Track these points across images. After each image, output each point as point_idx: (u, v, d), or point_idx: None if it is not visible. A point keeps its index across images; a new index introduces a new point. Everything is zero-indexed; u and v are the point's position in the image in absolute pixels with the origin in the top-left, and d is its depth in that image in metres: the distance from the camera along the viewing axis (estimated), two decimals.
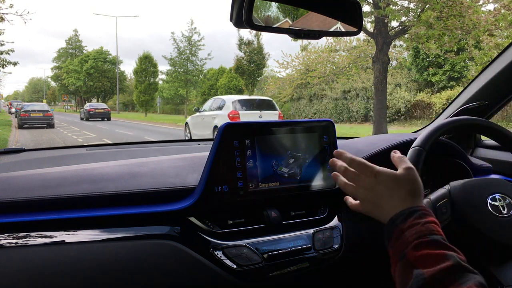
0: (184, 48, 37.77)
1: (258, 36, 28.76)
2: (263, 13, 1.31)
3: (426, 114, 21.61)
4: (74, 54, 74.56)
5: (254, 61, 28.53)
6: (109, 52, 66.60)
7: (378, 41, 14.06)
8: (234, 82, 42.80)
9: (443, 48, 14.37)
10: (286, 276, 1.35)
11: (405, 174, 1.07)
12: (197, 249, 1.26)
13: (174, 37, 37.84)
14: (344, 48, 25.00)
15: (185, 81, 37.56)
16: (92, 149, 2.13)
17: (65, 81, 66.85)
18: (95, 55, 63.72)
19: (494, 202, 1.28)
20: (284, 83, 31.28)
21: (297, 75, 29.68)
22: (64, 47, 77.60)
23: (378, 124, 14.22)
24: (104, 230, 1.23)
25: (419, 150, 1.30)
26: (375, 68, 14.25)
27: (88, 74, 62.38)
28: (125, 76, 71.19)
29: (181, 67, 37.82)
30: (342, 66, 26.98)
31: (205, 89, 46.50)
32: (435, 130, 1.36)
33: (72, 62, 65.75)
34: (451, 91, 21.20)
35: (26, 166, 1.67)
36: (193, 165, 1.46)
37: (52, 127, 26.27)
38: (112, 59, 65.07)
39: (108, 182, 1.31)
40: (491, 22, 12.34)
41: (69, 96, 74.19)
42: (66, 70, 65.79)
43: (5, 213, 1.16)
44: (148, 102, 46.02)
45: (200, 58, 38.39)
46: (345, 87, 26.35)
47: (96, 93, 66.10)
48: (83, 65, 62.77)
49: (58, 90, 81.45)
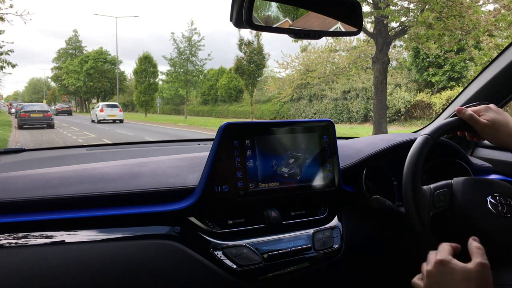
0: (184, 48, 37.68)
1: (258, 37, 28.76)
2: (263, 13, 1.31)
3: (426, 115, 21.60)
4: (74, 54, 74.51)
5: (254, 62, 28.56)
6: (108, 53, 66.56)
7: (378, 41, 14.00)
8: (234, 82, 42.76)
9: (443, 48, 14.34)
10: (286, 276, 1.35)
11: (478, 270, 0.95)
12: (197, 249, 1.27)
13: (174, 38, 37.68)
14: (344, 48, 24.98)
15: (185, 82, 37.50)
16: (92, 149, 2.13)
17: (65, 82, 66.77)
18: (95, 56, 63.64)
19: (494, 201, 1.28)
20: (284, 84, 31.27)
21: (297, 76, 29.66)
22: (64, 47, 77.58)
23: (378, 124, 14.19)
24: (104, 230, 1.23)
25: (427, 138, 1.30)
26: (375, 68, 14.19)
27: (88, 74, 62.29)
28: (125, 77, 71.10)
29: (181, 68, 37.74)
30: (342, 66, 26.95)
31: (205, 90, 46.47)
32: (445, 123, 1.36)
33: (72, 63, 65.65)
34: (451, 91, 21.18)
35: (26, 166, 1.67)
36: (193, 165, 1.46)
37: (52, 128, 26.24)
38: (112, 59, 65.00)
39: (108, 182, 1.31)
40: (491, 22, 12.28)
41: (69, 96, 74.21)
42: (66, 70, 65.71)
43: (5, 213, 1.17)
44: (148, 102, 45.91)
45: (200, 59, 38.27)
46: (345, 87, 26.34)
47: (96, 93, 66.00)
48: (83, 65, 62.67)
49: (58, 91, 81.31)
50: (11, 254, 1.13)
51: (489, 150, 1.94)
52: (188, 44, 37.53)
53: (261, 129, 1.39)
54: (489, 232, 1.23)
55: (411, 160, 1.29)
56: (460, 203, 1.27)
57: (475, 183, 1.33)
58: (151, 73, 46.51)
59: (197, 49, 37.87)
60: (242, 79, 29.57)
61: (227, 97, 43.81)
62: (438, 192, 1.30)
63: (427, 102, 22.10)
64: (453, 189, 1.30)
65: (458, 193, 1.29)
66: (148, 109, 47.21)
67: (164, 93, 53.61)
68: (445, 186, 1.32)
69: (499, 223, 1.24)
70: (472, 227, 1.24)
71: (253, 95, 30.43)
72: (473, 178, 1.37)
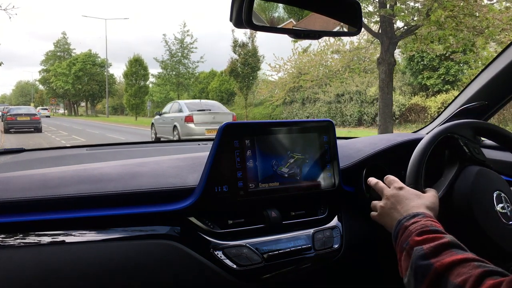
0: (176, 50, 37.43)
1: (253, 38, 28.65)
2: (263, 13, 1.33)
3: (421, 118, 21.66)
4: (63, 57, 74.38)
5: (249, 64, 28.40)
6: (98, 55, 66.47)
7: (384, 41, 13.54)
8: (226, 85, 42.70)
9: (449, 49, 14.01)
10: (286, 276, 1.37)
11: (428, 193, 1.26)
12: (197, 249, 1.28)
13: (166, 39, 37.49)
14: (335, 51, 25.01)
15: (176, 84, 37.26)
16: (92, 149, 2.14)
17: (53, 84, 66.53)
18: (84, 58, 63.48)
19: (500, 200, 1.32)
20: (276, 87, 31.25)
21: (290, 79, 29.64)
22: (52, 50, 77.48)
23: (384, 129, 13.71)
24: (104, 230, 1.25)
25: (432, 138, 1.37)
26: (380, 69, 13.78)
27: (77, 77, 62.11)
28: (114, 79, 70.89)
29: (172, 70, 37.49)
30: (335, 69, 27.01)
31: (196, 93, 46.40)
32: (451, 125, 1.40)
33: (60, 65, 65.46)
34: (446, 94, 21.23)
35: (26, 166, 1.68)
36: (193, 165, 1.48)
37: (40, 132, 26.01)
38: (101, 62, 64.84)
39: (108, 182, 1.32)
40: (506, 21, 11.80)
41: (57, 99, 73.89)
42: (54, 73, 65.49)
43: (5, 213, 1.17)
44: (139, 105, 45.68)
45: (192, 61, 38.04)
46: (339, 90, 26.38)
47: (85, 96, 65.82)
48: (72, 68, 62.49)
49: (46, 94, 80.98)
50: (11, 254, 1.14)
51: (489, 150, 1.96)
52: (180, 46, 37.33)
53: (261, 129, 1.40)
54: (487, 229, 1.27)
55: (415, 160, 1.32)
56: (464, 190, 1.32)
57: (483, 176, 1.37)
58: (141, 76, 46.33)
59: (189, 51, 37.67)
60: (237, 81, 29.39)
61: (219, 100, 43.73)
62: None
63: (422, 105, 22.19)
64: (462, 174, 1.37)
65: (464, 184, 1.34)
66: (139, 112, 47.03)
67: (155, 96, 53.43)
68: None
69: (498, 221, 1.28)
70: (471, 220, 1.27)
71: (247, 98, 30.26)
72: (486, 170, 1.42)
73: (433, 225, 1.05)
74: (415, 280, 0.95)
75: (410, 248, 1.01)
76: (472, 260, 0.89)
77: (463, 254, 0.92)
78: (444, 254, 0.93)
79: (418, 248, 0.99)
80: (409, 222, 1.09)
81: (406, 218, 1.11)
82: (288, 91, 29.88)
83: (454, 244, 0.96)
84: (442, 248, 0.95)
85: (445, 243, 0.96)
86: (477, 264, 0.88)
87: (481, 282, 0.82)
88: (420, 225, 1.05)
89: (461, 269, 0.88)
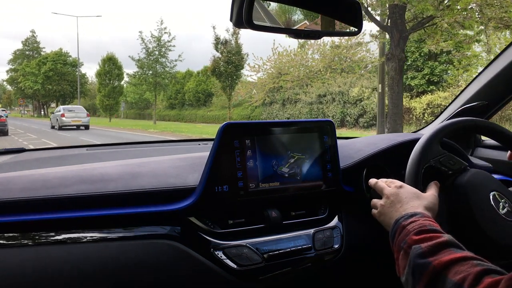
0: (153, 48, 36.61)
1: (236, 36, 28.04)
2: (263, 14, 1.37)
3: (406, 119, 21.71)
4: (32, 55, 73.27)
5: (233, 62, 27.63)
6: (69, 54, 65.59)
7: (394, 35, 12.49)
8: (203, 86, 42.40)
9: (459, 46, 13.59)
10: (286, 276, 1.40)
11: (428, 193, 1.30)
12: (197, 249, 1.31)
13: (142, 37, 36.24)
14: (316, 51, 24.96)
15: (153, 84, 36.56)
16: (92, 149, 2.16)
17: (21, 84, 65.36)
18: (54, 57, 62.53)
19: (496, 199, 1.37)
20: (255, 87, 31.09)
21: (269, 79, 29.45)
22: (20, 48, 76.30)
23: (394, 131, 12.50)
24: (105, 230, 1.27)
25: (431, 138, 1.42)
26: (389, 66, 12.80)
27: (47, 77, 61.14)
28: (86, 79, 70.10)
29: (149, 69, 36.71)
30: (317, 69, 27.05)
31: (172, 94, 45.97)
32: (450, 123, 1.45)
33: (29, 64, 64.41)
34: (432, 95, 21.29)
35: (26, 166, 1.69)
36: (193, 165, 1.50)
37: (6, 135, 25.23)
38: (72, 61, 63.93)
39: (108, 182, 1.35)
40: None
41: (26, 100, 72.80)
42: (23, 72, 64.41)
43: (5, 213, 1.20)
44: (113, 106, 45.06)
45: (170, 60, 37.30)
46: (320, 91, 26.41)
47: (56, 97, 64.86)
48: (41, 67, 61.49)
49: (14, 94, 79.81)
50: (11, 254, 1.17)
51: (489, 150, 2.00)
52: (157, 44, 36.62)
53: (261, 129, 1.44)
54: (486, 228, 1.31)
55: (413, 160, 1.37)
56: (464, 192, 1.36)
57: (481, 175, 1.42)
58: (115, 76, 45.82)
59: (167, 49, 36.93)
60: (220, 81, 28.61)
61: (195, 101, 43.53)
62: None
63: (406, 106, 22.27)
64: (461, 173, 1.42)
65: (463, 182, 1.39)
66: (112, 114, 46.53)
67: (128, 97, 52.93)
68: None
69: (497, 219, 1.33)
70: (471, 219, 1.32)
71: (231, 98, 29.82)
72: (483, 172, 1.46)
73: (431, 224, 1.09)
74: (413, 278, 0.99)
75: (408, 247, 1.05)
76: (470, 259, 0.93)
77: (462, 253, 0.96)
78: (443, 253, 0.97)
79: (416, 246, 1.02)
80: (407, 222, 1.13)
81: (404, 218, 1.15)
82: (267, 91, 29.80)
83: (452, 243, 1.01)
84: (440, 246, 0.99)
85: (443, 242, 1.00)
86: (476, 263, 0.91)
87: (480, 280, 0.86)
88: (418, 225, 1.09)
89: (460, 267, 0.91)
